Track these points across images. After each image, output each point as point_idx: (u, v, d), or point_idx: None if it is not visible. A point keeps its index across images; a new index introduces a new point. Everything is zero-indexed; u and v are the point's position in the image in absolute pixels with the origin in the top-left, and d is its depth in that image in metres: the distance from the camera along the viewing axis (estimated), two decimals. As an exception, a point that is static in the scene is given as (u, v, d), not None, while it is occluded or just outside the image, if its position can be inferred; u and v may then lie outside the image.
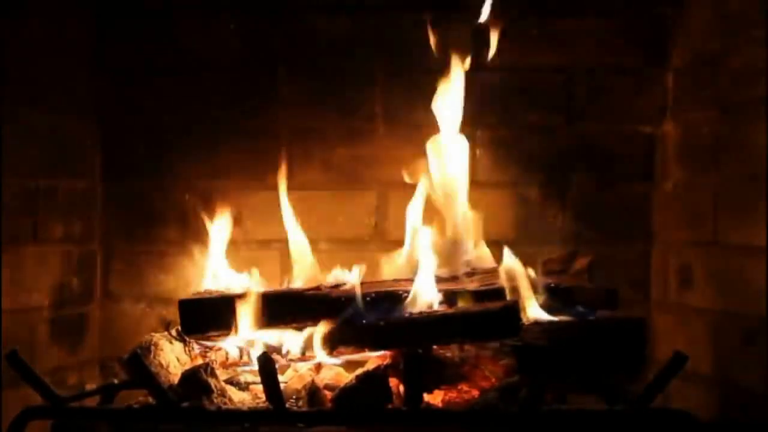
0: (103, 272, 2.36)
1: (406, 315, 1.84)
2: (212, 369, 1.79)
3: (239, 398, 1.79)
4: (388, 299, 1.87)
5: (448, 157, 2.13)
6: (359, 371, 1.78)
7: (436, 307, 1.88)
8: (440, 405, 1.77)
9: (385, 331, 1.82)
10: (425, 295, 1.88)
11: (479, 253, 2.10)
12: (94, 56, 2.31)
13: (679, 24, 2.25)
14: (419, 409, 1.68)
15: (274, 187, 2.25)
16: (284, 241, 2.18)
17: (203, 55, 2.33)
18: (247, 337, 1.91)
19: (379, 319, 1.83)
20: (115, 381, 1.87)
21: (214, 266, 2.15)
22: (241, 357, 1.96)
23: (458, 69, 2.12)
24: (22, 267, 2.01)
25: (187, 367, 1.86)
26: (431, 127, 2.19)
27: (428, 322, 1.81)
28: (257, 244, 2.30)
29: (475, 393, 1.80)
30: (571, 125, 2.31)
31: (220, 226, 2.17)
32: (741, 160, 1.91)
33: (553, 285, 1.93)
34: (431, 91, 2.15)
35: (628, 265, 2.30)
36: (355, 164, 2.35)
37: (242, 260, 2.19)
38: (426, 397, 1.75)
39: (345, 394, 1.70)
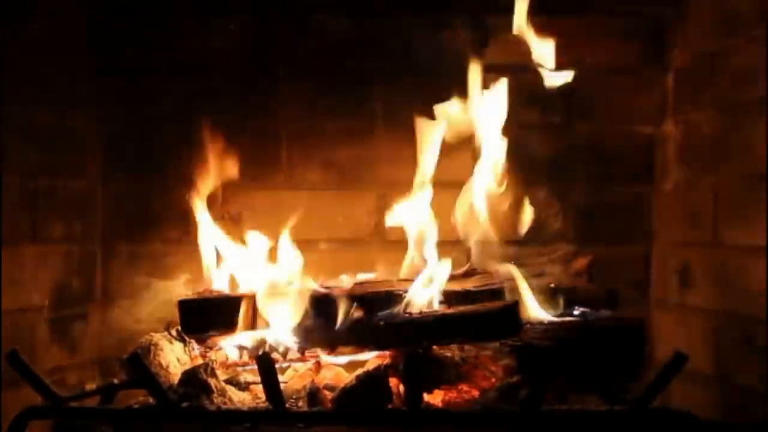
0: (103, 272, 2.35)
1: (406, 315, 1.84)
2: (212, 369, 1.79)
3: (239, 398, 1.79)
4: (388, 299, 1.87)
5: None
6: (359, 371, 1.78)
7: (436, 307, 1.88)
8: (440, 405, 1.77)
9: (385, 331, 1.82)
10: (425, 295, 1.88)
11: (479, 253, 2.10)
12: (95, 56, 2.31)
13: (679, 24, 2.25)
14: (419, 409, 1.68)
15: (275, 187, 2.24)
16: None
17: (203, 55, 2.33)
18: (247, 337, 1.91)
19: (379, 319, 1.83)
20: (115, 381, 1.87)
21: (213, 266, 2.15)
22: (240, 357, 1.96)
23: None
24: (21, 267, 2.01)
25: (187, 367, 1.86)
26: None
27: (428, 322, 1.81)
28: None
29: (475, 393, 1.80)
30: (571, 125, 2.31)
31: (220, 226, 2.17)
32: (741, 160, 1.91)
33: (553, 285, 1.93)
34: (431, 91, 2.14)
35: (628, 265, 2.30)
36: (355, 164, 2.35)
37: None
38: (426, 397, 1.75)
39: (345, 394, 1.70)
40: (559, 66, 2.28)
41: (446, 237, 2.08)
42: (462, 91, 2.12)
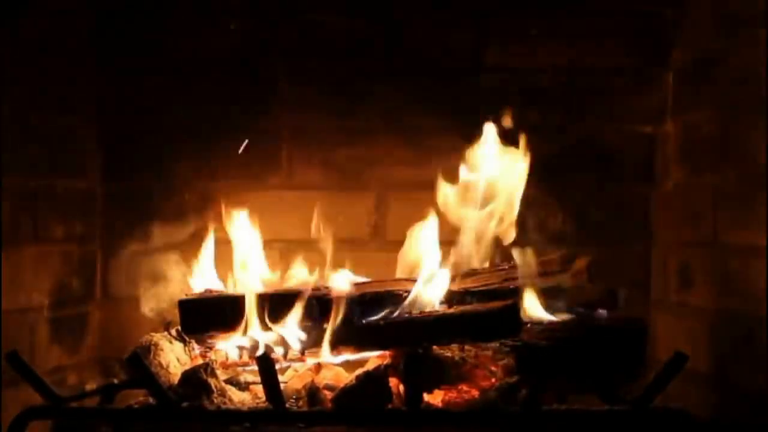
0: (103, 272, 2.36)
1: (406, 315, 1.84)
2: (212, 369, 1.79)
3: (239, 398, 1.79)
4: (388, 299, 1.87)
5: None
6: (359, 371, 1.78)
7: (436, 307, 1.88)
8: (440, 405, 1.77)
9: (385, 331, 1.82)
10: (425, 295, 1.88)
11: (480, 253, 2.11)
12: (95, 56, 2.31)
13: (679, 24, 2.25)
14: (419, 409, 1.68)
15: (274, 187, 2.24)
16: (284, 241, 2.18)
17: (203, 55, 2.33)
18: (247, 337, 1.91)
19: (379, 319, 1.83)
20: (115, 381, 1.87)
21: (213, 266, 2.15)
22: (240, 357, 1.96)
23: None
24: (22, 267, 2.01)
25: (187, 367, 1.86)
26: (431, 127, 2.19)
27: (428, 322, 1.81)
28: (257, 244, 2.30)
29: (475, 393, 1.80)
30: (571, 125, 2.31)
31: (220, 226, 2.17)
32: (741, 160, 1.91)
33: (553, 285, 1.93)
34: (431, 91, 2.15)
35: (628, 265, 2.30)
36: (355, 164, 2.35)
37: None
38: (426, 397, 1.75)
39: (345, 394, 1.70)
40: (560, 66, 2.29)
41: (446, 237, 2.09)
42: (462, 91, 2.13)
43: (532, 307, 1.89)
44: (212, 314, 1.92)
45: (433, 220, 2.09)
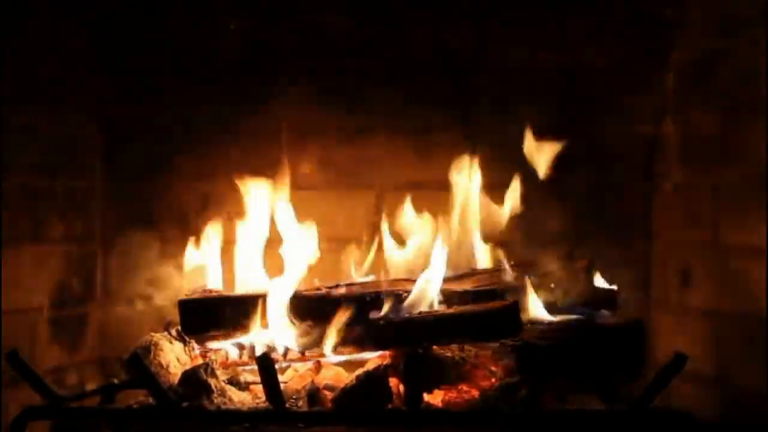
0: (103, 272, 2.36)
1: (406, 315, 1.84)
2: (212, 369, 1.79)
3: (239, 398, 1.79)
4: (388, 299, 1.87)
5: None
6: (359, 371, 1.78)
7: (436, 307, 1.88)
8: (440, 405, 1.77)
9: (385, 331, 1.82)
10: (425, 295, 1.88)
11: (480, 253, 2.11)
12: (94, 56, 2.31)
13: (679, 24, 2.25)
14: (419, 409, 1.68)
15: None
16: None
17: (203, 55, 2.33)
18: (247, 337, 1.91)
19: (379, 319, 1.83)
20: (115, 381, 1.87)
21: (214, 267, 2.15)
22: (240, 357, 1.96)
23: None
24: (22, 267, 2.01)
25: (187, 367, 1.86)
26: (431, 127, 2.19)
27: (428, 322, 1.81)
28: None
29: (475, 393, 1.80)
30: (571, 125, 2.31)
31: (220, 226, 2.18)
32: (741, 160, 1.91)
33: (553, 285, 1.93)
34: (431, 91, 2.15)
35: (628, 265, 2.30)
36: (355, 164, 2.35)
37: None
38: (426, 397, 1.75)
39: (345, 394, 1.70)
40: (560, 66, 2.29)
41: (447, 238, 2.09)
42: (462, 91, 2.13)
43: (533, 307, 1.89)
44: (212, 314, 1.92)
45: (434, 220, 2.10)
